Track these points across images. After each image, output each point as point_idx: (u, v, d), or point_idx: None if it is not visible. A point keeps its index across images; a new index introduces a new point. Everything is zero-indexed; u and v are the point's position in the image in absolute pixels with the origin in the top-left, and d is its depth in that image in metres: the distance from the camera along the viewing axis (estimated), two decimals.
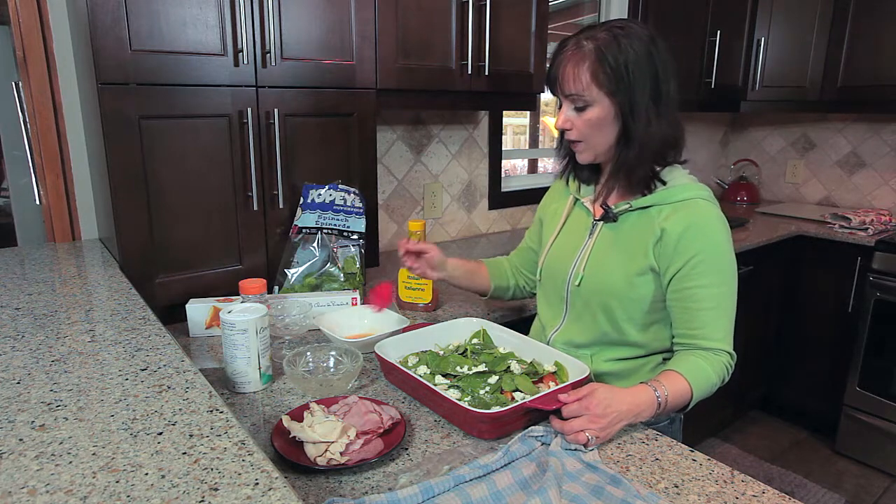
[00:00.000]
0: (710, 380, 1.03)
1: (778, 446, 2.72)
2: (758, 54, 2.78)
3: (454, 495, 0.77)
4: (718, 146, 3.51)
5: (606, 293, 1.11)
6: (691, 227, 1.04)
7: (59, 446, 0.66)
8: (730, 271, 1.06)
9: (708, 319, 1.05)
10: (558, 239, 1.22)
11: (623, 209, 1.11)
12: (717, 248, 1.04)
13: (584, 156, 1.12)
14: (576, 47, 1.04)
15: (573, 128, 1.08)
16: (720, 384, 1.06)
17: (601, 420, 0.90)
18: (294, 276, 1.42)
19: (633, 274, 1.08)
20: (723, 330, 1.06)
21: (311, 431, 0.87)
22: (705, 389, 1.04)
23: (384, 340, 1.14)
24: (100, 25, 1.14)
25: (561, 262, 1.19)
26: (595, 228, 1.15)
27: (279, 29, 1.34)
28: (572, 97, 1.06)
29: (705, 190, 1.09)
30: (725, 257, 1.05)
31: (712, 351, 1.05)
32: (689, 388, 1.01)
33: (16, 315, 1.06)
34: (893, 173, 2.92)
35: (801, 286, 2.72)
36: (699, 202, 1.06)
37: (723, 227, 1.06)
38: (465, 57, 1.69)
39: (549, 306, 1.24)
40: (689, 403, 1.03)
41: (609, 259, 1.11)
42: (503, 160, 2.46)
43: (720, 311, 1.05)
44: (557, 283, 1.19)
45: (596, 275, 1.12)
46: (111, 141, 1.20)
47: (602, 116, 1.05)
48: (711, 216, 1.06)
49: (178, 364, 0.88)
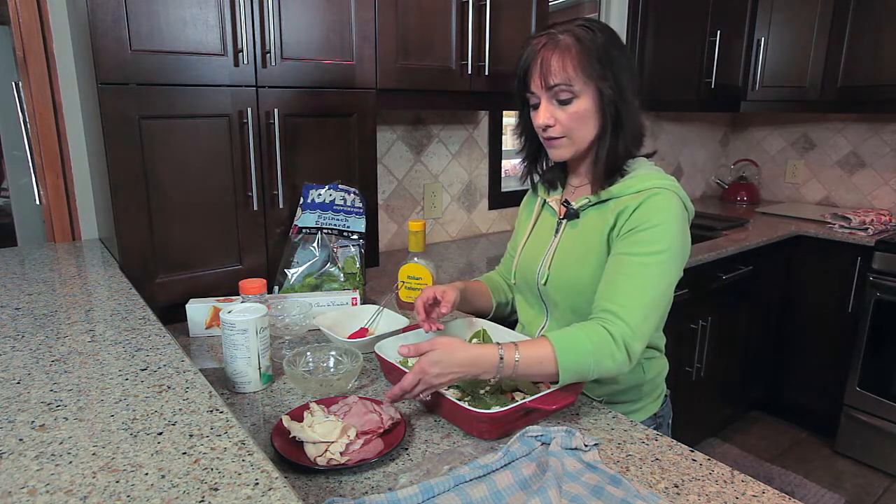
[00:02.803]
0: (584, 350, 0.93)
1: (778, 446, 2.72)
2: (758, 54, 2.78)
3: (454, 495, 0.77)
4: (718, 146, 3.51)
5: (571, 289, 1.11)
6: (643, 205, 1.01)
7: (59, 446, 0.66)
8: (668, 251, 0.99)
9: (623, 286, 0.98)
10: (528, 241, 1.23)
11: (583, 204, 1.11)
12: (662, 225, 0.99)
13: (563, 151, 1.08)
14: (551, 40, 1.02)
15: (556, 123, 1.05)
16: (610, 362, 0.94)
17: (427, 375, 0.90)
18: (294, 276, 1.42)
19: (594, 267, 1.06)
20: (634, 300, 0.96)
21: (311, 431, 0.87)
22: (576, 361, 0.93)
23: (384, 340, 1.14)
24: (100, 25, 1.14)
25: (530, 262, 1.20)
26: (560, 227, 1.16)
27: (279, 29, 1.34)
28: (557, 89, 1.02)
29: (667, 179, 1.05)
30: (669, 236, 0.99)
31: (601, 317, 0.97)
32: (552, 356, 0.93)
33: (16, 315, 1.06)
34: (893, 173, 2.92)
35: (801, 286, 2.72)
36: (656, 191, 1.02)
37: (676, 213, 1.01)
38: (465, 57, 1.69)
39: (530, 307, 1.25)
40: (558, 372, 0.93)
41: (572, 256, 1.11)
42: (503, 160, 2.46)
43: (640, 281, 0.97)
44: (530, 284, 1.20)
45: (559, 272, 1.12)
46: (111, 141, 1.20)
47: (587, 108, 1.04)
48: (666, 202, 1.01)
49: (178, 364, 0.88)
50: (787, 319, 2.79)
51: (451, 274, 1.86)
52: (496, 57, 1.76)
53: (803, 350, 2.76)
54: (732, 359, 2.62)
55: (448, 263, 2.00)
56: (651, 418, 1.17)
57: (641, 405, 1.16)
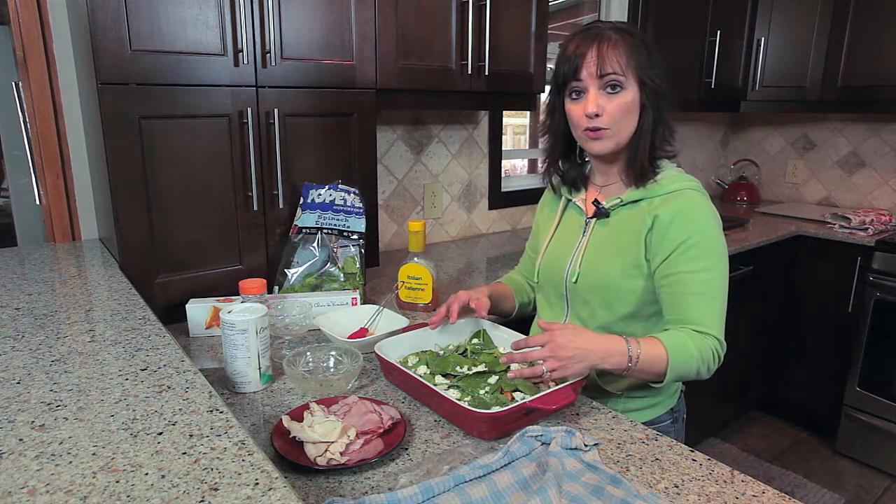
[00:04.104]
0: (691, 355, 1.00)
1: (778, 446, 2.72)
2: (758, 54, 2.78)
3: (454, 495, 0.77)
4: (718, 146, 3.51)
5: (604, 287, 1.11)
6: (680, 214, 1.04)
7: (59, 446, 0.66)
8: (719, 258, 1.05)
9: (696, 304, 1.04)
10: (553, 240, 1.23)
11: (614, 204, 1.12)
12: (705, 234, 1.04)
13: (606, 144, 1.08)
14: (602, 34, 1.05)
15: (604, 113, 1.06)
16: (705, 369, 1.03)
17: (562, 352, 0.90)
18: (294, 276, 1.42)
19: (628, 266, 1.09)
20: (711, 315, 1.04)
21: (311, 431, 0.87)
22: (684, 364, 1.00)
23: (384, 340, 1.14)
24: (100, 25, 1.14)
25: (557, 261, 1.20)
26: (588, 226, 1.16)
27: (279, 29, 1.34)
28: (609, 77, 1.04)
29: (693, 181, 1.10)
30: (714, 243, 1.05)
31: (701, 334, 1.03)
32: (665, 356, 0.98)
33: (16, 315, 1.06)
34: (893, 173, 2.92)
35: (801, 286, 2.72)
36: (688, 192, 1.07)
37: (712, 214, 1.07)
38: (465, 57, 1.69)
39: (550, 307, 1.25)
40: (665, 373, 1.00)
41: (604, 254, 1.12)
42: (503, 160, 2.46)
43: (709, 296, 1.04)
44: (556, 283, 1.20)
45: (592, 270, 1.13)
46: (111, 141, 1.20)
47: (633, 101, 1.06)
48: (700, 204, 1.06)
49: (178, 364, 0.88)
50: (787, 319, 2.79)
51: (450, 274, 1.86)
52: (496, 57, 1.76)
53: (803, 350, 2.76)
54: (732, 359, 2.60)
55: (448, 263, 2.00)
56: (668, 413, 1.18)
57: (660, 399, 1.17)
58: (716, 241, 1.05)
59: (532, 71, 1.87)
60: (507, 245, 2.27)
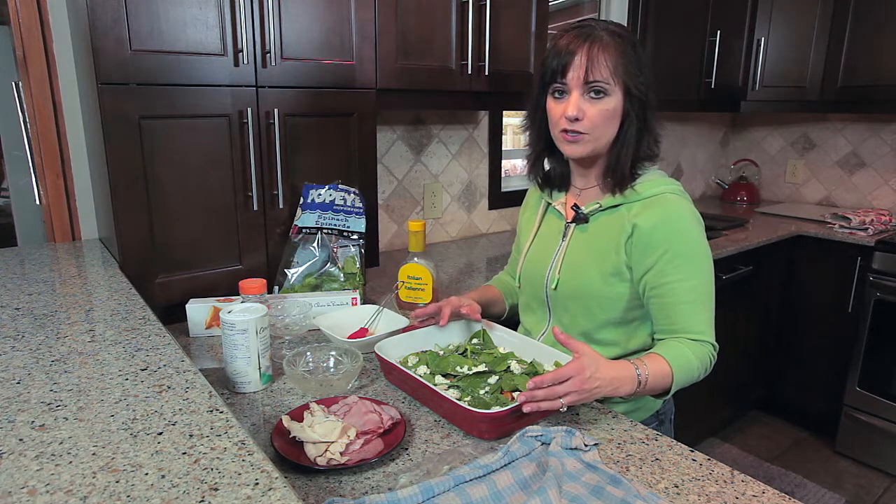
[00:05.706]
0: (692, 366, 1.02)
1: (778, 446, 2.72)
2: (758, 54, 2.78)
3: (454, 495, 0.77)
4: (718, 146, 3.51)
5: (584, 294, 1.11)
6: (662, 222, 1.03)
7: (59, 446, 0.66)
8: (704, 263, 1.05)
9: (687, 313, 1.04)
10: (533, 245, 1.23)
11: (593, 209, 1.11)
12: (689, 242, 1.04)
13: (581, 148, 1.06)
14: (592, 35, 1.03)
15: (584, 117, 1.04)
16: (703, 374, 1.05)
17: (584, 385, 0.89)
18: (294, 276, 1.42)
19: (607, 273, 1.08)
20: (703, 322, 1.05)
21: (311, 431, 0.87)
22: (686, 376, 1.02)
23: (384, 340, 1.14)
24: (100, 25, 1.14)
25: (537, 266, 1.19)
26: (568, 231, 1.16)
27: (279, 29, 1.34)
28: (595, 84, 1.02)
29: (674, 184, 1.09)
30: (698, 249, 1.05)
31: (697, 342, 1.04)
32: (670, 372, 0.99)
33: (16, 315, 1.06)
34: (893, 173, 2.92)
35: (801, 286, 2.72)
36: (668, 197, 1.06)
37: (694, 219, 1.06)
38: (465, 57, 1.69)
39: (532, 312, 1.24)
40: (670, 388, 1.01)
41: (583, 260, 1.11)
42: (503, 160, 2.46)
43: (698, 303, 1.04)
44: (536, 288, 1.20)
45: (572, 277, 1.12)
46: (111, 141, 1.20)
47: (615, 108, 1.05)
48: (682, 210, 1.05)
49: (178, 364, 0.88)
50: (787, 319, 2.79)
51: (450, 274, 1.86)
52: (496, 57, 1.76)
53: (803, 350, 2.76)
54: (732, 359, 2.62)
55: (448, 263, 2.00)
56: (653, 416, 1.17)
57: (643, 403, 1.16)
58: (699, 246, 1.05)
59: (532, 71, 1.87)
60: (507, 245, 2.27)
